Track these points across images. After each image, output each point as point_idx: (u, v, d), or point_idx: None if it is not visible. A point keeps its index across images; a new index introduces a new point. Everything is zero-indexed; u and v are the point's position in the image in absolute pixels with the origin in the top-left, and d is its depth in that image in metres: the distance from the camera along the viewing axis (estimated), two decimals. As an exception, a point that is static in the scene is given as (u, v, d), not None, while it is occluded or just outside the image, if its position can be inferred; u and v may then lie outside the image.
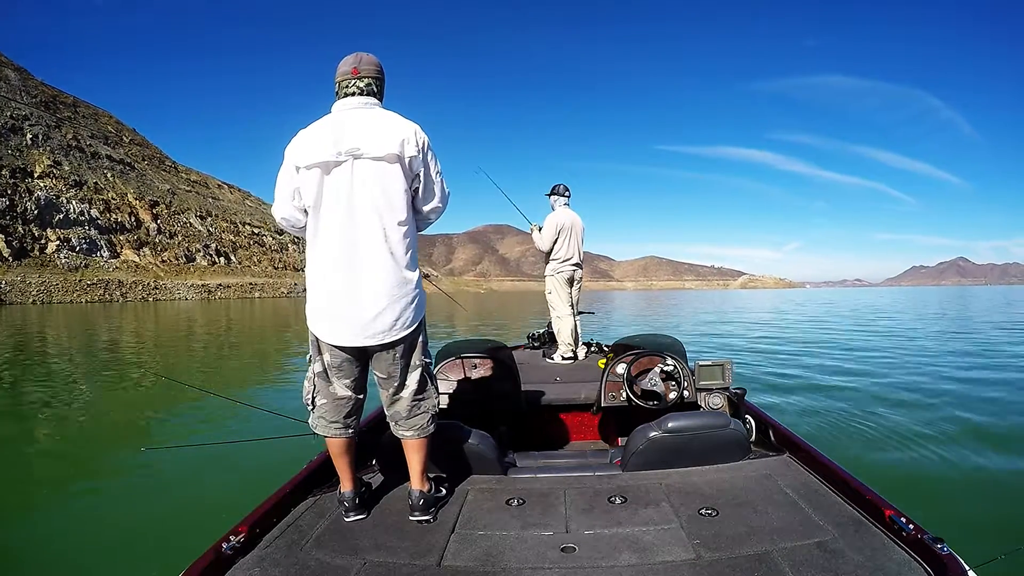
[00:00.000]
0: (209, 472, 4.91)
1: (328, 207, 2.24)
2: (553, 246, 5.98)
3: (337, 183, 2.23)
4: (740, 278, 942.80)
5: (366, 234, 2.22)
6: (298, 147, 2.28)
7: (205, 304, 62.92)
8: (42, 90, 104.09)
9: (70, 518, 4.33)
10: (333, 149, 2.21)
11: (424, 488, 2.36)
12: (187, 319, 32.77)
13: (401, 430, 2.45)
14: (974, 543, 2.13)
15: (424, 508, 2.28)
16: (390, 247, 2.24)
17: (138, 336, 21.81)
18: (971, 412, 6.52)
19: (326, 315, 2.27)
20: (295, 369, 11.39)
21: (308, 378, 2.42)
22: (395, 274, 2.25)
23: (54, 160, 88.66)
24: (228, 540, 1.93)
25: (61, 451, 6.36)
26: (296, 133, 2.35)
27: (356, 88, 2.34)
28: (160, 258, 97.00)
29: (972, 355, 11.50)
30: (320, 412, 2.41)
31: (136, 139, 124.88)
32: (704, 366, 3.63)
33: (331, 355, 2.33)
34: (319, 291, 2.28)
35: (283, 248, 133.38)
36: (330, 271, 2.25)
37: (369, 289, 2.22)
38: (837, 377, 9.29)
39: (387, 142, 2.23)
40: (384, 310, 2.23)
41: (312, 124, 2.34)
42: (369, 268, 2.22)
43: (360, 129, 2.24)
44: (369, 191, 2.23)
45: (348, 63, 2.36)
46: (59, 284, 71.05)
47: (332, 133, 2.24)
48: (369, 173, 2.23)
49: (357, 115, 2.29)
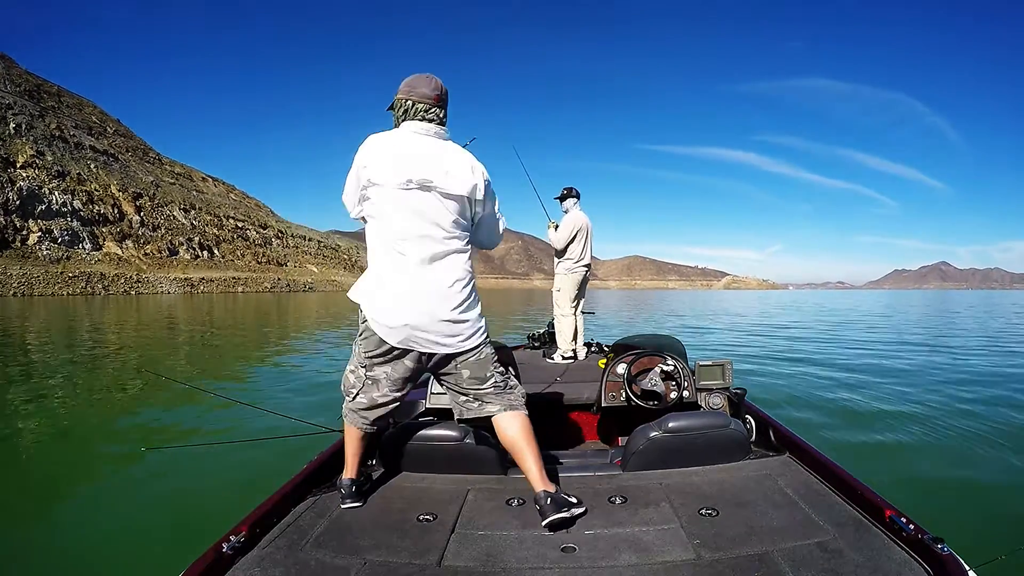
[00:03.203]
0: (209, 472, 4.88)
1: (395, 228, 2.25)
2: (568, 246, 6.04)
3: (405, 207, 2.24)
4: (724, 279, 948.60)
5: (424, 253, 2.25)
6: (369, 160, 2.27)
7: (187, 298, 62.18)
8: (26, 79, 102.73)
9: (70, 518, 4.30)
10: (404, 176, 2.22)
11: (550, 488, 2.22)
12: (169, 316, 32.39)
13: (488, 407, 2.43)
14: (974, 543, 2.15)
15: (556, 507, 2.13)
16: (453, 269, 2.31)
17: (126, 331, 21.56)
18: (971, 412, 6.56)
19: (397, 323, 2.26)
20: (295, 369, 11.33)
21: (356, 375, 2.43)
22: (454, 286, 2.30)
23: (37, 150, 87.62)
24: (228, 540, 1.92)
25: (60, 451, 6.29)
26: (365, 139, 2.34)
27: (435, 116, 2.34)
28: (143, 251, 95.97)
29: (968, 354, 11.50)
30: (357, 406, 2.42)
31: (120, 130, 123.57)
32: (704, 366, 3.64)
33: (395, 367, 2.35)
34: (386, 300, 2.27)
35: (267, 243, 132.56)
36: (396, 283, 2.26)
37: (441, 300, 2.27)
38: (836, 376, 9.30)
39: (458, 182, 2.27)
40: (456, 319, 2.30)
41: (383, 137, 2.33)
42: (435, 285, 2.26)
43: (434, 162, 2.25)
44: (434, 221, 2.26)
45: (430, 87, 2.34)
46: (40, 276, 70.07)
47: (405, 159, 2.24)
48: (437, 205, 2.25)
49: (432, 146, 2.30)
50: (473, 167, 2.33)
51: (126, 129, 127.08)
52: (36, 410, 8.13)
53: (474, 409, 2.44)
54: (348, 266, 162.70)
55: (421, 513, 2.28)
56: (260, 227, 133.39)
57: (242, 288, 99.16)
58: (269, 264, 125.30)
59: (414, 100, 2.33)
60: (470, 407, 2.45)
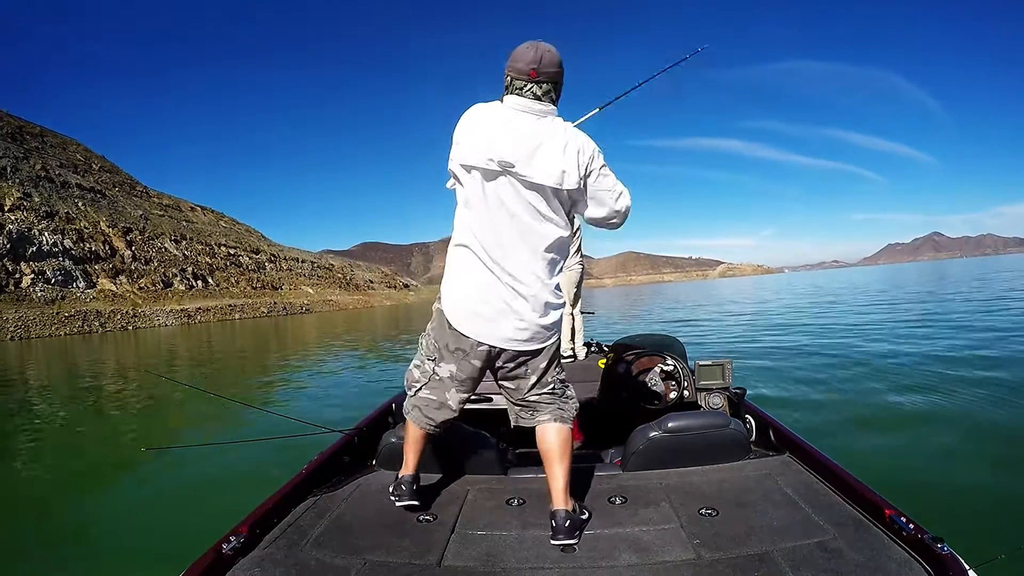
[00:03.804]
0: (209, 472, 4.90)
1: (482, 211, 2.15)
2: None
3: (491, 191, 2.13)
4: (719, 267, 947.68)
5: (518, 244, 2.15)
6: (461, 135, 2.16)
7: (186, 329, 61.99)
8: (8, 121, 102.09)
9: (71, 517, 4.35)
10: (487, 154, 2.08)
11: (568, 507, 2.15)
12: (169, 349, 32.25)
13: (540, 415, 2.37)
14: (974, 543, 2.15)
15: (570, 531, 2.06)
16: (542, 258, 2.20)
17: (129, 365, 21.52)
18: (971, 412, 6.53)
19: (479, 318, 2.19)
20: (293, 369, 11.28)
21: (422, 370, 2.36)
22: (544, 281, 2.21)
23: (24, 192, 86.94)
24: (228, 540, 1.93)
25: (62, 452, 6.32)
26: (468, 108, 2.21)
27: (531, 94, 2.14)
28: (137, 285, 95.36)
29: (968, 348, 11.36)
30: (421, 403, 2.36)
31: (106, 166, 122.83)
32: (704, 366, 3.65)
33: (462, 366, 2.27)
34: (463, 289, 2.21)
35: (260, 267, 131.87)
36: (475, 272, 2.18)
37: (528, 296, 2.18)
38: (835, 376, 9.26)
39: (546, 170, 2.10)
40: (541, 316, 2.21)
41: (482, 111, 2.18)
42: (525, 276, 2.17)
43: (523, 144, 2.09)
44: (521, 206, 2.14)
45: (526, 59, 2.13)
46: (36, 318, 69.57)
47: (493, 138, 2.09)
48: (523, 191, 2.13)
49: (525, 125, 2.13)
50: (568, 152, 2.13)
51: (111, 165, 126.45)
52: (36, 410, 8.14)
53: (526, 419, 2.40)
54: (343, 285, 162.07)
55: (421, 513, 2.31)
56: (252, 252, 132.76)
57: (239, 315, 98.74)
58: (264, 289, 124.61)
59: (512, 75, 2.17)
60: (523, 416, 2.41)
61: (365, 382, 11.07)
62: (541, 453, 2.33)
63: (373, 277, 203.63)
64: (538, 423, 2.37)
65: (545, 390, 2.36)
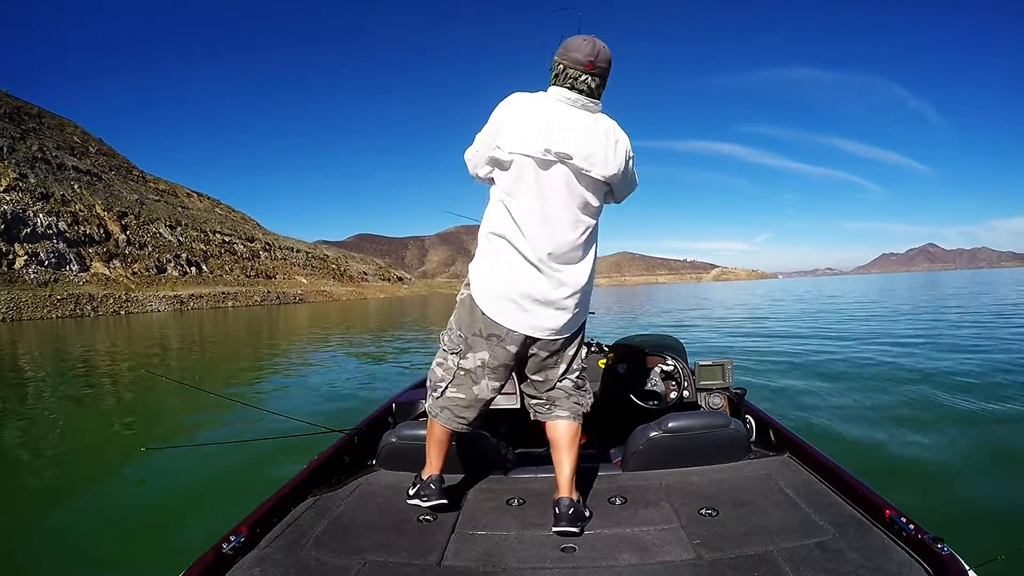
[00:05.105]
0: (209, 472, 4.88)
1: (531, 200, 2.14)
2: None
3: (540, 180, 2.12)
4: (713, 271, 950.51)
5: (563, 232, 2.16)
6: (506, 122, 2.15)
7: (178, 315, 61.78)
8: (6, 101, 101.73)
9: (70, 517, 4.33)
10: (543, 145, 2.07)
11: (574, 497, 2.19)
12: (161, 335, 32.15)
13: (557, 411, 2.37)
14: (974, 543, 2.16)
15: (573, 519, 2.10)
16: (582, 247, 2.22)
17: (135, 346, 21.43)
18: (972, 411, 6.51)
19: (516, 306, 2.18)
20: (293, 370, 11.27)
21: (445, 367, 2.34)
22: (584, 270, 2.24)
23: (19, 173, 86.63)
24: (228, 540, 1.92)
25: (62, 451, 6.31)
26: (510, 95, 2.20)
27: (586, 86, 2.14)
28: (131, 270, 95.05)
29: (968, 351, 11.30)
30: (449, 403, 2.32)
31: (103, 149, 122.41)
32: (704, 366, 3.64)
33: (495, 353, 2.24)
34: (499, 273, 2.20)
35: (255, 256, 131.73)
36: (512, 256, 2.17)
37: (568, 284, 2.20)
38: (835, 375, 9.22)
39: (602, 163, 2.14)
40: (577, 303, 2.25)
41: (527, 99, 2.17)
42: (565, 264, 2.19)
43: (578, 137, 2.10)
44: (570, 196, 2.15)
45: (584, 51, 2.11)
46: (28, 300, 69.27)
47: (545, 128, 2.08)
48: (574, 181, 2.13)
49: (579, 119, 2.13)
50: (618, 144, 2.19)
51: (108, 148, 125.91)
52: (36, 411, 8.13)
53: (543, 414, 2.40)
54: (337, 276, 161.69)
55: (421, 513, 2.29)
56: (247, 240, 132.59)
57: (232, 303, 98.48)
58: (258, 277, 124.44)
59: (565, 64, 2.14)
60: (540, 411, 2.42)
61: (363, 379, 10.95)
62: (551, 442, 2.35)
63: (367, 269, 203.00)
64: (554, 418, 2.37)
65: (570, 378, 2.38)
